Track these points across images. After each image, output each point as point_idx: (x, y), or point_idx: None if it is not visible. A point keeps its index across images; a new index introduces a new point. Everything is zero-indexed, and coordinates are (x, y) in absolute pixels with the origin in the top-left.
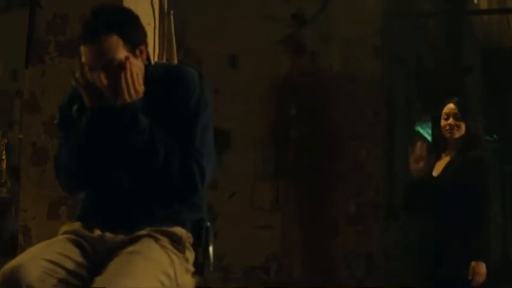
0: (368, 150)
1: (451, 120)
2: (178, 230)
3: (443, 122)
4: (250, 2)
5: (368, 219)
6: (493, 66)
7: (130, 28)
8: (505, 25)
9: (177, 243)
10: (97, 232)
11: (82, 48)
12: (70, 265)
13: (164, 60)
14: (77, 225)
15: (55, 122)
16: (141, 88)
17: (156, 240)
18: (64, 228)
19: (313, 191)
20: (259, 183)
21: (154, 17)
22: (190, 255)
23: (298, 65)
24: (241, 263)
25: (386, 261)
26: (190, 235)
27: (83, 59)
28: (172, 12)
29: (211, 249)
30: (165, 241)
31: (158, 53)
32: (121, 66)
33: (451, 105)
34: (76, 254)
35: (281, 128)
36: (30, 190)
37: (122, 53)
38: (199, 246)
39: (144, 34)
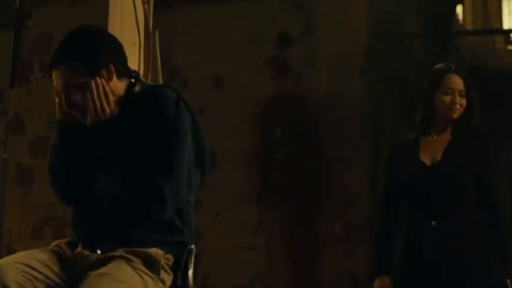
0: (353, 172)
1: (458, 99)
2: (154, 251)
3: (444, 98)
4: (235, 23)
5: (353, 240)
6: (479, 86)
7: (92, 52)
8: (490, 45)
9: (151, 264)
10: (78, 249)
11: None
12: (49, 274)
13: (149, 81)
14: (64, 240)
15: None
16: (109, 107)
17: (128, 261)
18: (54, 243)
19: (298, 212)
20: (244, 204)
21: (139, 37)
22: (167, 277)
23: (284, 86)
24: (226, 283)
25: (371, 282)
26: (170, 256)
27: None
28: (157, 32)
29: (190, 272)
30: (138, 262)
31: (144, 73)
32: (86, 88)
33: (458, 80)
34: (55, 265)
35: (266, 148)
36: (15, 210)
37: (84, 78)
38: (179, 268)
39: (110, 53)
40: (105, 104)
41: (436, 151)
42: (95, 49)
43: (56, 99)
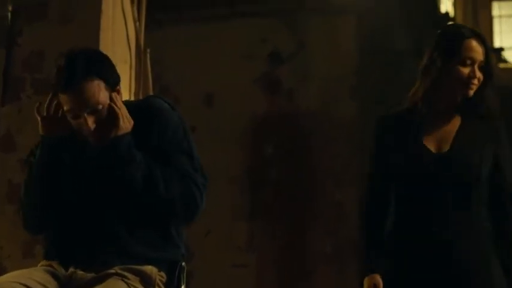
0: (344, 190)
1: (478, 72)
2: (149, 269)
3: (463, 70)
4: (227, 41)
5: (345, 258)
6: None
7: (108, 69)
8: None
9: (147, 282)
10: (71, 269)
11: (62, 96)
12: None
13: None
14: (54, 262)
15: (24, 158)
16: (130, 121)
17: (123, 278)
18: (42, 263)
19: (290, 230)
20: (235, 222)
21: (131, 55)
22: None
23: (275, 104)
24: None
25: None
26: (163, 274)
27: (65, 107)
28: (148, 50)
29: None
30: (134, 280)
31: (135, 91)
32: (103, 107)
33: (479, 48)
34: (52, 284)
35: (257, 166)
36: (6, 228)
37: (105, 95)
38: (172, 286)
39: (118, 74)
40: (129, 117)
41: (442, 137)
42: (110, 66)
43: (41, 112)
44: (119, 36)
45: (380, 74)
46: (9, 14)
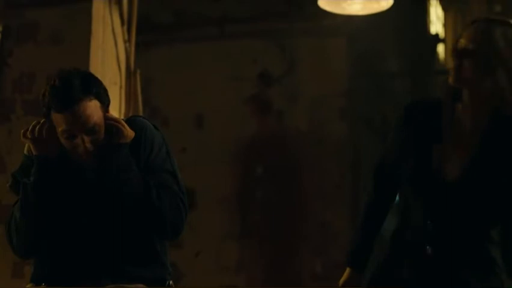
0: (334, 211)
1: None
2: (140, 287)
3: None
4: (216, 62)
5: (334, 278)
6: None
7: (102, 89)
8: None
9: None
10: None
11: (58, 116)
12: None
13: None
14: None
15: (8, 184)
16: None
17: None
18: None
19: (279, 250)
20: (224, 243)
21: (121, 76)
22: None
23: (265, 125)
24: None
25: None
26: None
27: (61, 127)
28: (138, 71)
29: None
30: None
31: (125, 112)
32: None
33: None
34: None
35: (247, 187)
36: None
37: (101, 115)
38: None
39: (108, 95)
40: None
41: (459, 155)
42: (103, 87)
43: (29, 136)
44: (109, 58)
45: (371, 96)
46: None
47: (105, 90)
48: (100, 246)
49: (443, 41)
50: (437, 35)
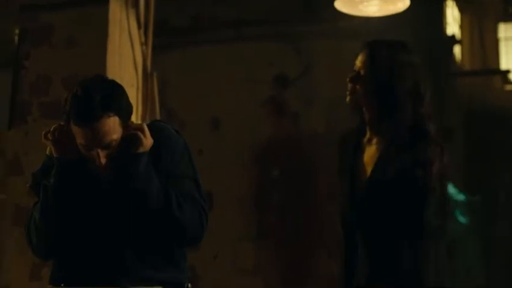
0: None
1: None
2: None
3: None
4: (232, 64)
5: None
6: (475, 128)
7: (124, 104)
8: (489, 86)
9: None
10: None
11: (76, 129)
12: None
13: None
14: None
15: (27, 185)
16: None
17: None
18: None
19: (295, 252)
20: (241, 245)
21: (138, 79)
22: None
23: (281, 127)
24: None
25: None
26: None
27: (78, 139)
28: (155, 74)
29: None
30: None
31: (142, 115)
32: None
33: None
34: None
35: (263, 189)
36: (13, 251)
37: (119, 130)
38: None
39: (131, 104)
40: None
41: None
42: (125, 100)
43: (50, 137)
44: (126, 60)
45: None
46: (16, 38)
47: (127, 105)
48: (117, 250)
49: (459, 42)
50: (453, 36)
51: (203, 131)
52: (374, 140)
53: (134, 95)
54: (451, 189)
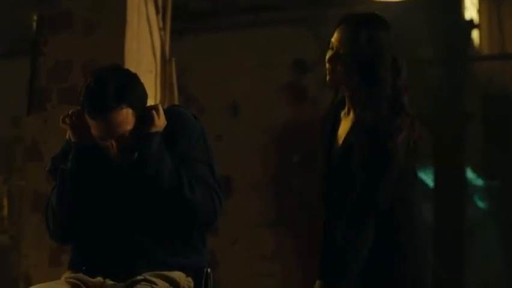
0: None
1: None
2: (177, 275)
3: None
4: (251, 50)
5: None
6: (494, 112)
7: (138, 95)
8: (508, 71)
9: (175, 287)
10: (99, 279)
11: (90, 120)
12: None
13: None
14: (79, 274)
15: (46, 168)
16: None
17: (152, 285)
18: (66, 275)
19: (315, 237)
20: (260, 231)
21: (156, 65)
22: None
23: (300, 112)
24: None
25: None
26: (190, 280)
27: (93, 130)
28: (173, 59)
29: None
30: (163, 285)
31: (160, 100)
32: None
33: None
34: None
35: (282, 174)
36: (32, 237)
37: (132, 121)
38: None
39: (147, 95)
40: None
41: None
42: (140, 91)
43: (67, 121)
44: (144, 46)
45: None
46: (34, 24)
47: (141, 96)
48: (135, 235)
49: (477, 26)
50: (471, 20)
51: (222, 116)
52: (351, 112)
53: (152, 81)
54: (470, 174)
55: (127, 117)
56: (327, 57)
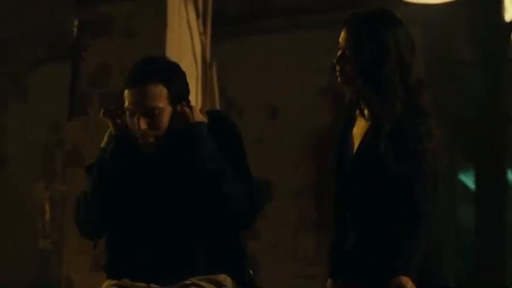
0: None
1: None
2: (223, 278)
3: None
4: (290, 53)
5: None
6: None
7: (176, 80)
8: None
9: None
10: (142, 284)
11: (126, 92)
12: None
13: None
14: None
15: (86, 165)
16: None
17: None
18: (107, 283)
19: None
20: (301, 234)
21: (197, 69)
22: None
23: (339, 116)
24: None
25: None
26: (234, 282)
27: (126, 103)
28: (214, 63)
29: None
30: None
31: (201, 104)
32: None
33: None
34: None
35: (322, 178)
36: (74, 242)
37: (165, 103)
38: None
39: (188, 91)
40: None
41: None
42: (180, 80)
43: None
44: (185, 50)
45: (443, 84)
46: (74, 29)
47: (180, 85)
48: (175, 238)
49: None
50: (511, 22)
51: (262, 119)
52: (366, 112)
53: (193, 85)
54: (511, 176)
55: (160, 94)
56: (335, 59)
